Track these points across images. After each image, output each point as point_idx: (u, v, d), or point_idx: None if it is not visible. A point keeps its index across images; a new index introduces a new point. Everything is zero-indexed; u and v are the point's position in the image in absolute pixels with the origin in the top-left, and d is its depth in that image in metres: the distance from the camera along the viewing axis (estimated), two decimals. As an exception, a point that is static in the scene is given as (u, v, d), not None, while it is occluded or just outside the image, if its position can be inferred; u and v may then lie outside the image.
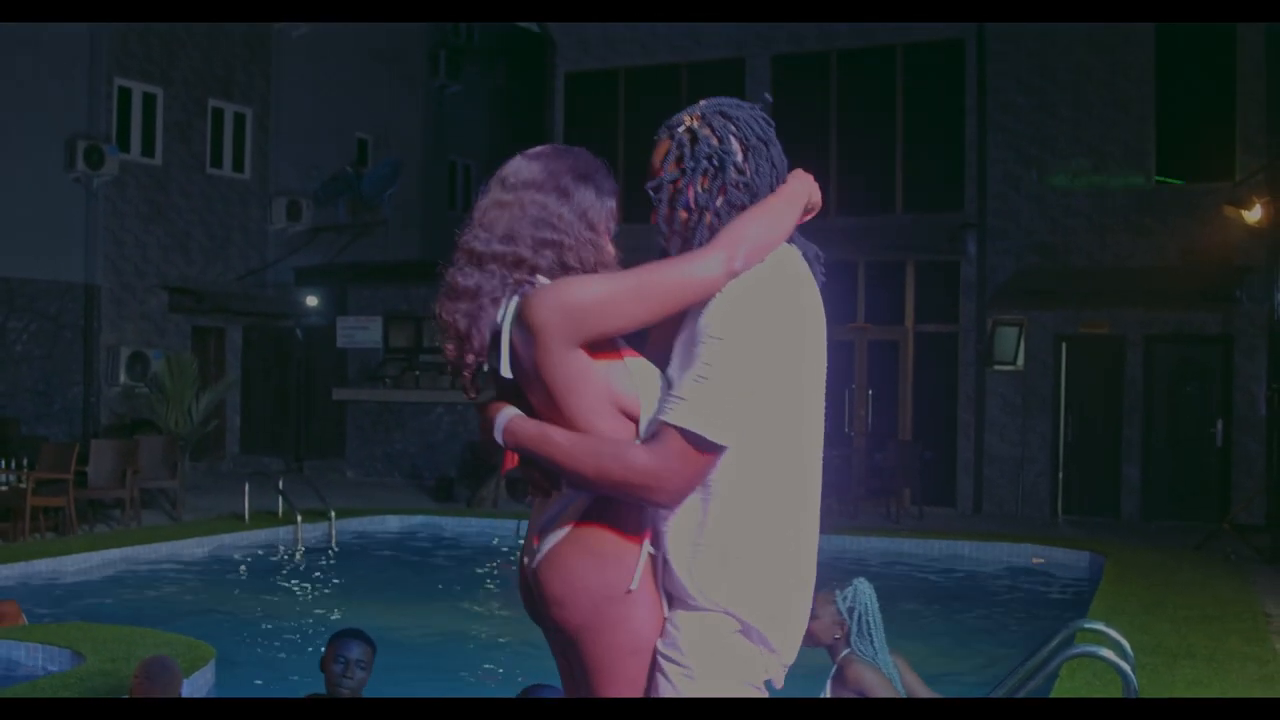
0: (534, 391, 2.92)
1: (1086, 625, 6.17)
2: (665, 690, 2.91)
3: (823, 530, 3.06)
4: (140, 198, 22.62)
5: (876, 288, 19.52)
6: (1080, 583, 13.21)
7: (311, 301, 24.17)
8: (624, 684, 2.94)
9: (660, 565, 2.94)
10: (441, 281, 2.99)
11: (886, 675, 5.83)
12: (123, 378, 21.75)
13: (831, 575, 13.13)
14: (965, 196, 19.14)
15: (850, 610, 5.92)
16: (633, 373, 2.91)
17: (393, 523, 16.63)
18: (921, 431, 19.30)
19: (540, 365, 2.84)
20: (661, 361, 2.96)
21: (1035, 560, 14.54)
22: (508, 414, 2.91)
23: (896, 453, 18.44)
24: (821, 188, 3.12)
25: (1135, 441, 18.24)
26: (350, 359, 24.10)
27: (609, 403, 2.87)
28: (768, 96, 3.48)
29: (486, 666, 9.70)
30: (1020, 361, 18.66)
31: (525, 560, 3.07)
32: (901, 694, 5.87)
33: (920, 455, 18.57)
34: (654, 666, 2.94)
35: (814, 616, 5.69)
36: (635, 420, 2.88)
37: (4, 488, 14.56)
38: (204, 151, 23.77)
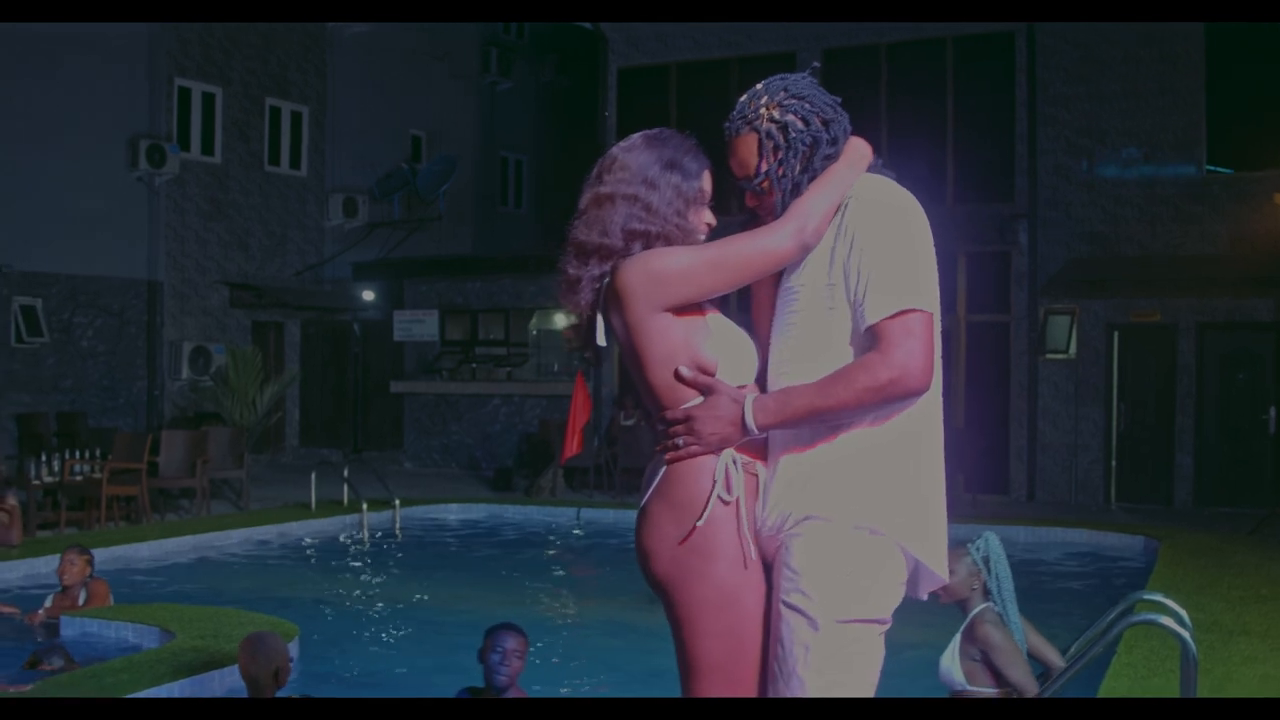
0: (628, 361, 3.22)
1: (1145, 596, 6.32)
2: (797, 634, 3.06)
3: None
4: (201, 195, 23.05)
5: (930, 279, 19.62)
6: (1135, 566, 13.34)
7: (368, 296, 24.55)
8: (711, 638, 3.10)
9: (764, 496, 3.15)
10: (559, 273, 3.28)
11: (1014, 634, 5.71)
12: (185, 372, 22.18)
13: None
14: (1016, 188, 19.27)
15: (985, 561, 5.80)
16: (713, 331, 3.17)
17: (454, 511, 16.92)
18: (974, 420, 19.41)
19: (627, 328, 3.15)
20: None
21: (1093, 534, 14.71)
22: (748, 401, 3.09)
23: (950, 440, 18.47)
24: None
25: (1187, 429, 18.33)
26: (407, 352, 24.45)
27: (691, 364, 3.12)
28: (816, 65, 3.63)
29: (549, 646, 9.95)
30: (1072, 350, 18.78)
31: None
32: (1023, 656, 5.74)
33: (973, 443, 18.69)
34: (778, 616, 3.09)
35: (949, 572, 5.72)
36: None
37: (80, 477, 14.96)
38: (262, 149, 24.19)
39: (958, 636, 5.77)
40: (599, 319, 3.21)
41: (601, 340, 3.21)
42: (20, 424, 20.04)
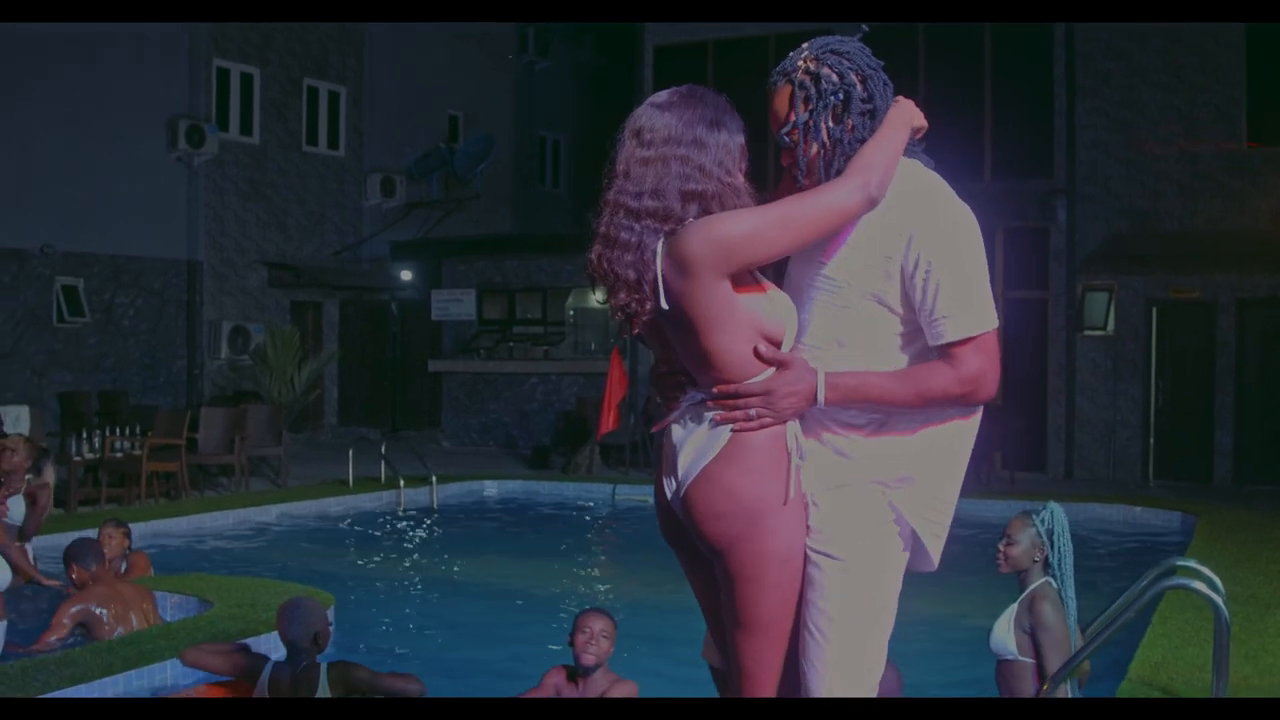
0: (679, 327, 3.18)
1: (1179, 563, 6.29)
2: (821, 584, 3.21)
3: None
4: (240, 176, 23.18)
5: (966, 255, 19.53)
6: (1172, 541, 13.28)
7: (406, 276, 24.65)
8: (770, 589, 3.19)
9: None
10: (597, 235, 3.22)
11: (1070, 612, 5.59)
12: (225, 351, 22.34)
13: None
14: (1055, 163, 19.15)
15: (1049, 533, 5.66)
16: (771, 296, 3.19)
17: (490, 487, 16.99)
18: (1012, 397, 19.33)
19: (690, 297, 3.10)
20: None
21: (1132, 509, 14.67)
22: (821, 377, 3.13)
23: (987, 418, 18.21)
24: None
25: (1227, 406, 18.21)
26: (444, 331, 24.54)
27: (754, 330, 3.13)
28: (864, 27, 3.60)
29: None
30: (1111, 327, 18.68)
31: (666, 486, 3.31)
32: (1073, 640, 5.58)
33: (1011, 420, 18.62)
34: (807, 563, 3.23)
35: (1012, 541, 5.65)
36: (778, 344, 3.15)
37: (120, 454, 15.10)
38: (300, 130, 24.30)
39: (1015, 605, 5.71)
40: (659, 282, 3.15)
41: (664, 303, 3.15)
42: (63, 402, 20.24)
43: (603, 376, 17.54)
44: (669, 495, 3.31)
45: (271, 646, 7.40)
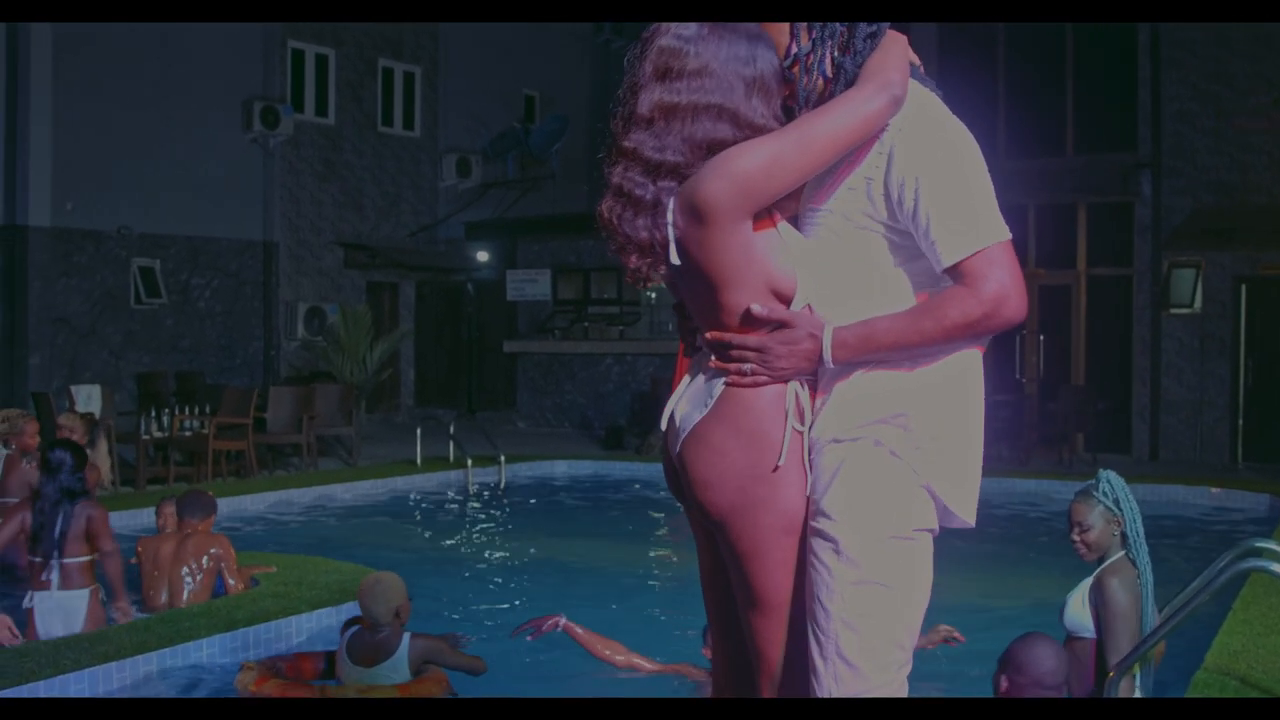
0: (692, 279, 2.92)
1: (1260, 544, 5.93)
2: (818, 568, 2.90)
3: (992, 474, 3.07)
4: (315, 156, 23.19)
5: (1047, 232, 19.13)
6: (1259, 524, 12.84)
7: (483, 257, 24.56)
8: (776, 565, 2.91)
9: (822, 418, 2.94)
10: (609, 185, 2.96)
11: (1144, 583, 5.19)
12: (301, 331, 22.37)
13: (1001, 518, 12.84)
14: (1139, 136, 18.61)
15: (1117, 504, 5.23)
16: (785, 240, 2.89)
17: (561, 467, 16.84)
18: (1095, 377, 18.91)
19: (707, 246, 2.83)
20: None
21: (1213, 490, 14.23)
22: (826, 336, 2.85)
23: (1069, 399, 18.09)
24: (990, 130, 3.16)
25: (1320, 385, 17.66)
26: (520, 311, 24.43)
27: (766, 288, 2.86)
28: None
29: (651, 601, 9.79)
30: (1197, 304, 18.13)
31: (669, 440, 3.06)
32: (1148, 614, 5.19)
33: (1093, 401, 18.18)
34: (806, 544, 2.92)
35: (1086, 527, 5.23)
36: (788, 299, 2.87)
37: (189, 433, 15.12)
38: (375, 110, 24.27)
39: (1089, 579, 5.34)
40: (672, 237, 2.88)
41: (676, 258, 2.88)
42: (140, 383, 20.35)
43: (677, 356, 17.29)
44: (672, 444, 3.05)
45: (310, 626, 7.29)
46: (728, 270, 2.83)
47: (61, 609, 6.99)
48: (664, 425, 3.08)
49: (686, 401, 2.99)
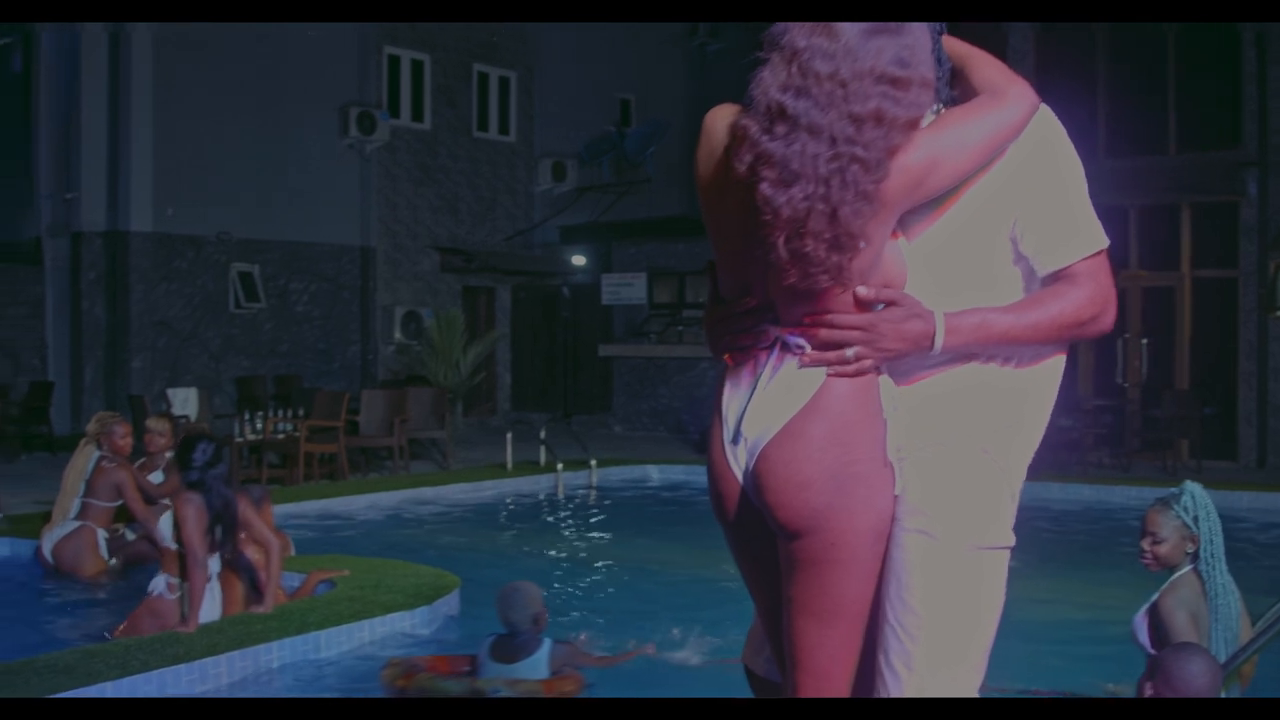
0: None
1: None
2: (922, 563, 2.78)
3: (1094, 481, 2.97)
4: (411, 162, 23.35)
5: (1149, 233, 18.69)
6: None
7: (579, 261, 24.57)
8: (863, 579, 2.76)
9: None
10: (769, 163, 2.65)
11: (1229, 598, 4.91)
12: (398, 335, 22.53)
13: (1102, 528, 12.54)
14: (1244, 133, 18.10)
15: (1195, 520, 4.98)
16: (902, 251, 2.79)
17: (653, 472, 16.75)
18: (1200, 381, 18.44)
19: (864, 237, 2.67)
20: None
21: None
22: (939, 319, 2.72)
23: (1173, 404, 17.66)
24: (1089, 129, 3.11)
25: None
26: (615, 315, 24.40)
27: (880, 282, 2.73)
28: None
29: (740, 610, 9.66)
30: (1306, 306, 17.63)
31: (729, 453, 2.83)
32: (1218, 640, 4.88)
33: (1198, 406, 17.73)
34: (897, 545, 2.79)
35: (1159, 539, 5.01)
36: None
37: (282, 435, 15.25)
38: (470, 115, 24.39)
39: (1156, 595, 5.10)
40: None
41: None
42: (239, 386, 20.58)
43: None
44: (730, 461, 2.84)
45: (383, 630, 7.27)
46: (870, 257, 2.69)
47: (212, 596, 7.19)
48: (723, 436, 2.85)
49: (759, 403, 2.78)
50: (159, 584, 7.27)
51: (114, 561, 9.69)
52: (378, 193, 22.79)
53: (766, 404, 2.76)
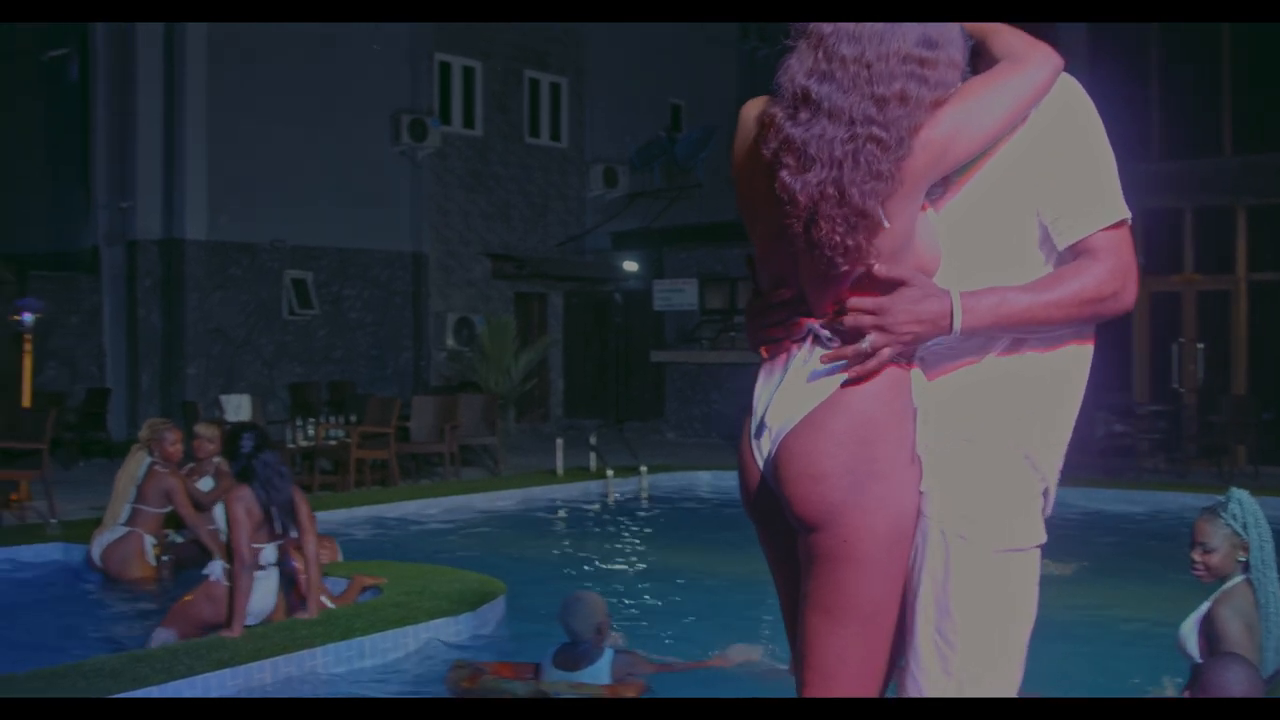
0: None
1: None
2: (941, 571, 2.71)
3: (1148, 487, 2.89)
4: (462, 168, 23.44)
5: (1205, 236, 18.46)
6: None
7: (631, 267, 24.57)
8: (878, 576, 2.69)
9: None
10: (791, 143, 2.63)
11: (1267, 614, 4.80)
12: (450, 342, 22.62)
13: (1157, 536, 12.38)
14: (1303, 134, 17.90)
15: (1244, 527, 4.89)
16: (929, 217, 2.71)
17: (704, 478, 16.67)
18: (1258, 387, 18.19)
19: (891, 215, 2.59)
20: None
21: None
22: (955, 298, 2.62)
23: (1230, 409, 17.44)
24: (1143, 130, 3.01)
25: None
26: (667, 321, 24.39)
27: (911, 258, 2.66)
28: None
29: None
30: (1368, 310, 17.37)
31: (754, 446, 2.79)
32: (1269, 652, 4.79)
33: (1256, 411, 17.50)
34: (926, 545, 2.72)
35: (1210, 549, 4.91)
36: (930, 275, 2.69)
37: (333, 441, 15.32)
38: (522, 122, 24.46)
39: (1206, 604, 5.02)
40: None
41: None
42: (293, 393, 20.70)
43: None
44: (755, 453, 2.79)
45: (427, 636, 7.28)
46: (898, 238, 2.62)
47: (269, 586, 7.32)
48: (751, 429, 2.81)
49: (784, 395, 2.73)
50: (215, 569, 7.39)
51: (166, 558, 9.77)
52: (429, 199, 22.89)
53: (791, 395, 2.71)
